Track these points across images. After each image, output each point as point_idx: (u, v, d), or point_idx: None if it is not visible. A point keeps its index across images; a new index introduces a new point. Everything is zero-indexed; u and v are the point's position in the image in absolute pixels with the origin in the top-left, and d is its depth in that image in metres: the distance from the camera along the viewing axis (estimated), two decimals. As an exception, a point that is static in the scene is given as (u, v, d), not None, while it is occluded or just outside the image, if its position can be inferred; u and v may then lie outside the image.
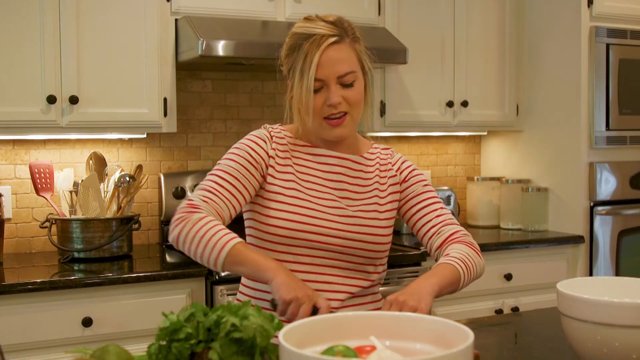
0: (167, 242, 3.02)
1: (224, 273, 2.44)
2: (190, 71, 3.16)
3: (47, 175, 2.76)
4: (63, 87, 2.60)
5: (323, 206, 1.64)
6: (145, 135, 2.99)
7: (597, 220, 3.29)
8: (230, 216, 1.62)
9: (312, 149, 1.71)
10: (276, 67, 1.70)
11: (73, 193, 2.74)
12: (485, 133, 3.79)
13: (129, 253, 2.78)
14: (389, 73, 3.21)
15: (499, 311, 3.10)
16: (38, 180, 2.73)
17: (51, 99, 2.57)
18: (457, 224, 1.70)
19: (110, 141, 3.03)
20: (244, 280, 1.73)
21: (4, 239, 2.68)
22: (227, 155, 1.67)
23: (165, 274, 2.47)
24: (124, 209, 2.80)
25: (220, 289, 2.49)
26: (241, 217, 1.73)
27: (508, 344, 1.70)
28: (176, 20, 2.79)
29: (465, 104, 3.38)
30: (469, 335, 0.95)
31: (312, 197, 1.65)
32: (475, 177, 3.68)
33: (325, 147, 1.71)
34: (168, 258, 2.79)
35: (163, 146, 3.15)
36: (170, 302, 2.44)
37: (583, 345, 1.28)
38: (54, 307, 2.32)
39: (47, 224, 2.68)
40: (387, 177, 1.74)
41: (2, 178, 2.86)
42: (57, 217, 2.70)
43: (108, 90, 2.69)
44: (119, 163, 3.01)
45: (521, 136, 3.62)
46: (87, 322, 2.34)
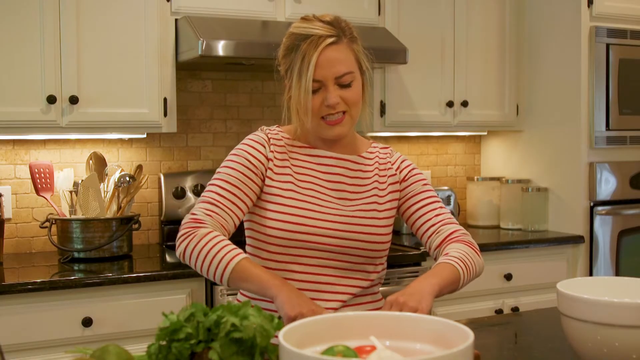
0: (167, 242, 3.02)
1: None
2: (190, 71, 3.16)
3: (47, 175, 2.76)
4: (63, 87, 2.60)
5: (321, 207, 1.64)
6: (145, 135, 2.99)
7: (597, 220, 3.29)
8: (234, 225, 1.62)
9: (310, 150, 1.71)
10: (274, 68, 1.70)
11: (73, 193, 2.74)
12: (485, 133, 3.79)
13: (129, 253, 2.78)
14: (389, 73, 3.21)
15: (499, 311, 3.10)
16: (38, 180, 2.73)
17: (51, 99, 2.57)
18: (456, 223, 1.70)
19: (110, 141, 3.03)
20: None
21: (4, 239, 2.68)
22: (225, 162, 1.66)
23: (165, 274, 2.47)
24: (124, 209, 2.80)
25: (220, 289, 2.49)
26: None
27: (508, 344, 1.70)
28: (176, 20, 2.79)
29: (465, 104, 3.38)
30: (469, 335, 0.95)
31: (310, 197, 1.65)
32: (475, 177, 3.68)
33: (323, 148, 1.71)
34: (168, 258, 2.79)
35: (163, 146, 3.15)
36: (170, 302, 2.45)
37: (583, 345, 1.28)
38: (54, 307, 2.32)
39: (47, 224, 2.68)
40: (386, 176, 1.73)
41: (2, 178, 2.86)
42: (57, 217, 2.70)
43: (108, 90, 2.69)
44: (119, 163, 3.01)
45: (521, 136, 3.62)
46: (87, 322, 2.34)
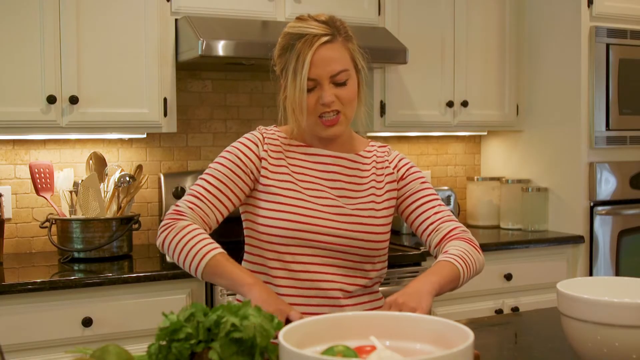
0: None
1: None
2: (190, 71, 3.16)
3: (47, 175, 2.76)
4: (63, 87, 2.60)
5: (320, 205, 1.64)
6: (145, 135, 2.99)
7: (597, 220, 3.29)
8: (217, 221, 1.64)
9: (307, 149, 1.71)
10: (269, 67, 1.70)
11: (73, 193, 2.74)
12: (485, 133, 3.79)
13: (129, 253, 2.78)
14: (389, 73, 3.21)
15: (499, 311, 3.10)
16: (38, 180, 2.73)
17: (51, 99, 2.57)
18: (455, 221, 1.70)
19: (110, 141, 3.03)
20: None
21: (4, 239, 2.68)
22: (217, 159, 1.68)
23: (165, 274, 2.47)
24: (124, 209, 2.80)
25: (220, 289, 2.49)
26: (239, 217, 1.73)
27: (508, 344, 1.70)
28: (176, 20, 2.79)
29: (465, 104, 3.38)
30: (469, 335, 0.95)
31: (309, 195, 1.65)
32: (475, 177, 3.68)
33: (320, 147, 1.71)
34: (168, 258, 2.78)
35: (163, 146, 3.15)
36: (170, 302, 2.45)
37: (583, 345, 1.28)
38: (54, 307, 2.32)
39: (47, 224, 2.68)
40: (384, 174, 1.73)
41: (2, 178, 2.86)
42: (57, 217, 2.70)
43: (108, 90, 2.69)
44: (119, 163, 3.01)
45: (521, 136, 3.62)
46: (87, 322, 2.34)
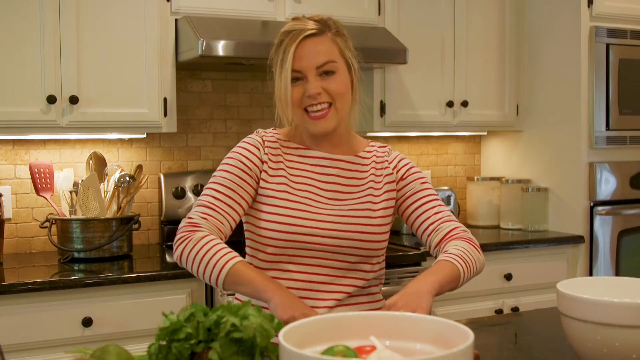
0: (167, 242, 3.02)
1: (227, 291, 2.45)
2: (190, 71, 3.16)
3: (47, 175, 2.76)
4: (63, 87, 2.60)
5: (315, 207, 1.64)
6: (145, 135, 2.99)
7: (597, 220, 3.29)
8: (230, 228, 1.64)
9: (305, 151, 1.71)
10: (267, 67, 1.70)
11: (73, 193, 2.74)
12: (485, 133, 3.79)
13: (129, 253, 2.78)
14: (389, 73, 3.21)
15: (499, 311, 3.10)
16: (38, 180, 2.73)
17: (51, 99, 2.57)
18: (455, 221, 1.70)
19: (110, 141, 3.03)
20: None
21: (4, 239, 2.68)
22: (221, 166, 1.67)
23: (165, 274, 2.47)
24: (124, 209, 2.80)
25: (220, 289, 2.49)
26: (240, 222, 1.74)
27: (508, 344, 1.70)
28: (176, 20, 2.79)
29: (465, 104, 3.38)
30: (469, 335, 0.95)
31: (303, 198, 1.65)
32: (475, 177, 3.68)
33: (318, 149, 1.70)
34: (168, 258, 2.79)
35: (163, 146, 3.15)
36: (170, 302, 2.45)
37: (583, 345, 1.28)
38: (54, 307, 2.32)
39: (47, 224, 2.68)
40: (382, 175, 1.72)
41: (2, 178, 2.86)
42: (57, 217, 2.70)
43: (108, 90, 2.69)
44: (119, 163, 3.01)
45: (521, 136, 3.62)
46: (87, 322, 2.34)
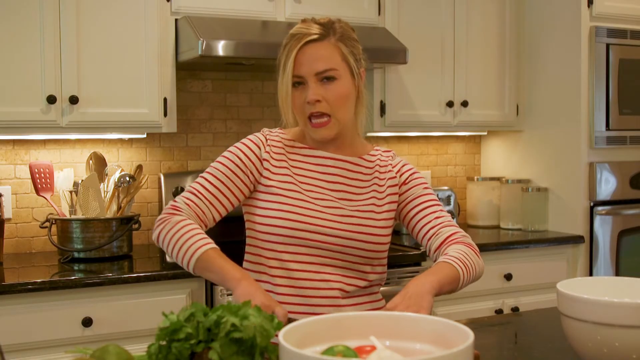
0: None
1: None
2: (190, 71, 3.16)
3: (47, 175, 2.76)
4: (63, 87, 2.60)
5: (320, 205, 1.65)
6: (145, 135, 2.99)
7: (597, 220, 3.29)
8: (213, 219, 1.66)
9: (309, 151, 1.71)
10: (274, 68, 1.71)
11: (73, 193, 2.74)
12: (485, 133, 3.79)
13: (129, 253, 2.78)
14: (389, 73, 3.21)
15: (499, 311, 3.10)
16: (38, 180, 2.73)
17: (51, 99, 2.57)
18: (456, 226, 1.71)
19: (110, 141, 3.03)
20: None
21: (4, 239, 2.68)
22: (218, 158, 1.69)
23: (165, 274, 2.47)
24: (124, 209, 2.80)
25: (220, 289, 2.49)
26: (240, 217, 1.74)
27: (508, 344, 1.70)
28: (176, 20, 2.79)
29: (465, 104, 3.38)
30: (469, 335, 0.95)
31: (309, 196, 1.66)
32: (475, 177, 3.68)
33: (323, 149, 1.71)
34: (168, 258, 2.78)
35: (163, 146, 3.15)
36: (170, 302, 2.45)
37: (583, 345, 1.28)
38: (54, 307, 2.32)
39: (47, 224, 2.68)
40: (385, 178, 1.73)
41: (2, 178, 2.86)
42: (57, 217, 2.70)
43: (108, 90, 2.69)
44: (119, 163, 3.01)
45: (521, 136, 3.62)
46: (87, 322, 2.34)
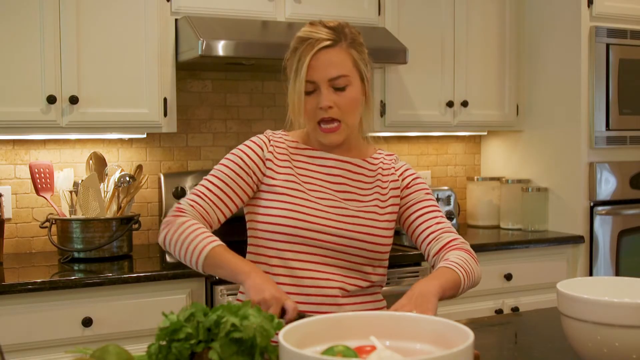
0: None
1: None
2: (190, 71, 3.16)
3: (47, 175, 2.76)
4: (63, 87, 2.60)
5: (324, 205, 1.66)
6: (145, 135, 2.99)
7: (597, 220, 3.29)
8: (218, 221, 1.67)
9: (313, 152, 1.73)
10: (279, 68, 1.72)
11: (73, 193, 2.74)
12: (485, 133, 3.79)
13: (129, 253, 2.78)
14: (389, 73, 3.21)
15: (499, 311, 3.10)
16: (38, 180, 2.73)
17: (51, 99, 2.57)
18: (456, 233, 1.71)
19: (110, 141, 3.03)
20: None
21: (4, 239, 2.68)
22: (222, 160, 1.71)
23: (165, 274, 2.47)
24: (124, 209, 2.80)
25: (220, 289, 2.49)
26: (242, 217, 1.74)
27: (508, 344, 1.70)
28: (176, 20, 2.79)
29: (465, 104, 3.38)
30: (469, 335, 0.95)
31: (313, 196, 1.67)
32: (475, 177, 3.68)
33: (326, 151, 1.73)
34: (168, 258, 2.79)
35: (163, 146, 3.15)
36: (170, 302, 2.44)
37: (583, 345, 1.28)
38: (54, 307, 2.32)
39: (47, 224, 2.68)
40: (388, 181, 1.75)
41: (2, 178, 2.86)
42: (57, 217, 2.70)
43: (108, 90, 2.69)
44: (119, 163, 3.01)
45: (521, 136, 3.62)
46: (87, 322, 2.34)
